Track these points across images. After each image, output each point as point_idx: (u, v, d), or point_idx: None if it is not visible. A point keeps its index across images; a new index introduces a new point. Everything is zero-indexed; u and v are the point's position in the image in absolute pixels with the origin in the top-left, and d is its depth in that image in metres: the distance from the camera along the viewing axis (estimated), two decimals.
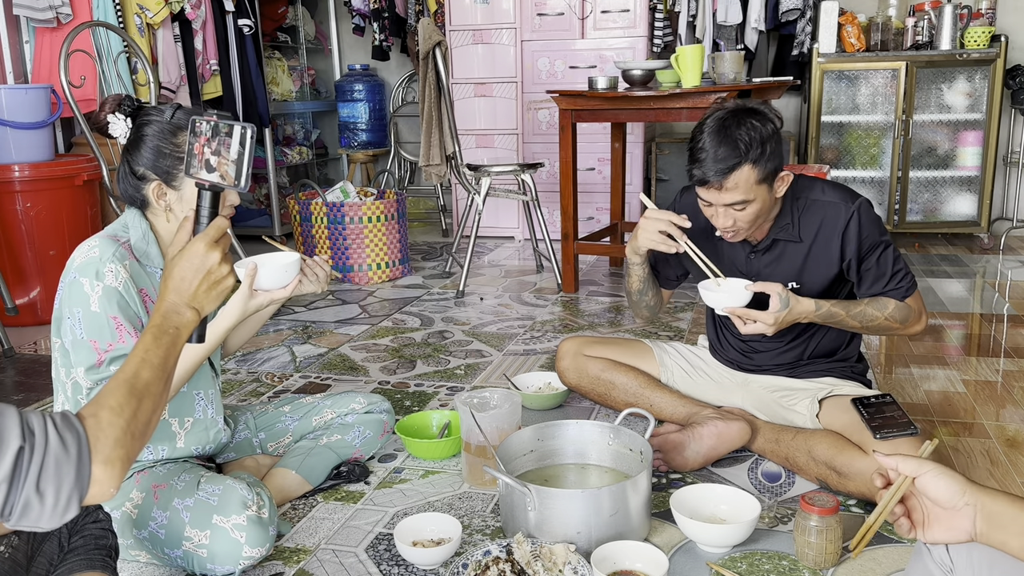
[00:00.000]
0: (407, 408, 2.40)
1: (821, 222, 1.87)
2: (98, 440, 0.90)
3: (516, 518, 1.64)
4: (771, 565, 1.59)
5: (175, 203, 1.59)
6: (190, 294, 1.07)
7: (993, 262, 4.14)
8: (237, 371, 2.77)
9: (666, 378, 2.19)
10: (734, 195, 1.75)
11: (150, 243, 1.61)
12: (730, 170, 1.72)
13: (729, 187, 1.74)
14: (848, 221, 1.85)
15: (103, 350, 1.50)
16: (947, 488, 0.93)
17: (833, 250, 1.88)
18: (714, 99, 3.19)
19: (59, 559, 1.18)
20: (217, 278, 1.09)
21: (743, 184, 1.73)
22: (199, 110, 1.62)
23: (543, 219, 3.88)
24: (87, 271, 1.51)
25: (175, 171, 1.56)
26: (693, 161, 1.77)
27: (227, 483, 1.58)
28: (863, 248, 1.86)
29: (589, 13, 4.50)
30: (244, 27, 4.53)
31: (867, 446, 1.74)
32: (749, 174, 1.73)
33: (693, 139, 1.79)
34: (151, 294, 1.60)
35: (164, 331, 1.03)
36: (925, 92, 4.38)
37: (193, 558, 1.54)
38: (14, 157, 3.31)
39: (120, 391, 0.96)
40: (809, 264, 1.91)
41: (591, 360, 2.24)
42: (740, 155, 1.71)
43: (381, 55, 5.51)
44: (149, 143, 1.56)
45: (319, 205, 3.92)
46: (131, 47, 3.70)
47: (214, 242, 1.09)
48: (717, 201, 1.78)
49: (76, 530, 1.21)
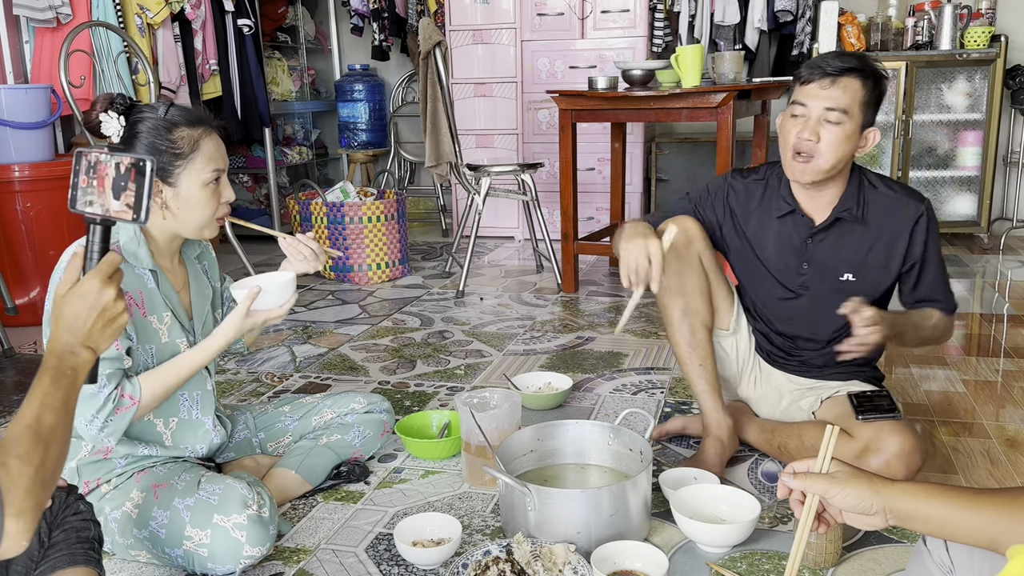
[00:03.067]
0: (407, 408, 2.40)
1: (889, 213, 1.81)
2: (9, 492, 0.87)
3: (516, 518, 1.64)
4: (771, 565, 1.59)
5: (171, 200, 1.59)
6: (84, 333, 1.02)
7: (993, 262, 4.14)
8: (237, 371, 2.77)
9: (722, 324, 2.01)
10: (839, 99, 1.70)
11: (140, 243, 1.61)
12: (847, 71, 1.69)
13: (839, 88, 1.70)
14: (919, 218, 1.80)
15: None
16: (856, 501, 0.99)
17: (900, 247, 1.81)
18: (718, 101, 3.19)
19: (40, 556, 1.14)
20: (112, 315, 1.04)
21: (851, 92, 1.70)
22: (190, 110, 1.61)
23: (543, 219, 3.88)
24: None
25: (171, 167, 1.56)
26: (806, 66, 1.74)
27: (227, 482, 1.58)
28: (927, 250, 1.81)
29: (589, 13, 4.50)
30: (244, 27, 4.53)
31: (853, 430, 1.75)
32: (860, 88, 1.70)
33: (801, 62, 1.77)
34: (136, 297, 1.59)
35: (62, 373, 0.99)
36: (925, 92, 4.38)
37: (194, 557, 1.54)
38: (14, 157, 3.31)
39: (25, 438, 0.92)
40: (871, 257, 1.83)
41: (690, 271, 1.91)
42: (859, 65, 1.70)
43: (381, 55, 5.51)
44: (144, 139, 1.56)
45: (319, 205, 3.92)
46: (131, 47, 3.70)
47: (108, 278, 1.04)
48: (817, 101, 1.71)
49: (56, 524, 1.18)
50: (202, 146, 1.58)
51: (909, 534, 1.65)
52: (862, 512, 0.99)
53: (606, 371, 2.68)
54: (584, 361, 2.78)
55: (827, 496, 1.01)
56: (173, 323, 1.65)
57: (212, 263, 1.84)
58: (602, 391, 2.51)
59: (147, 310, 1.61)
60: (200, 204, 1.60)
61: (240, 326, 1.63)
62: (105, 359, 1.52)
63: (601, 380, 2.61)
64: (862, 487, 0.99)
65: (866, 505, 0.98)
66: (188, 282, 1.74)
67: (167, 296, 1.65)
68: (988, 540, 0.93)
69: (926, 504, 0.96)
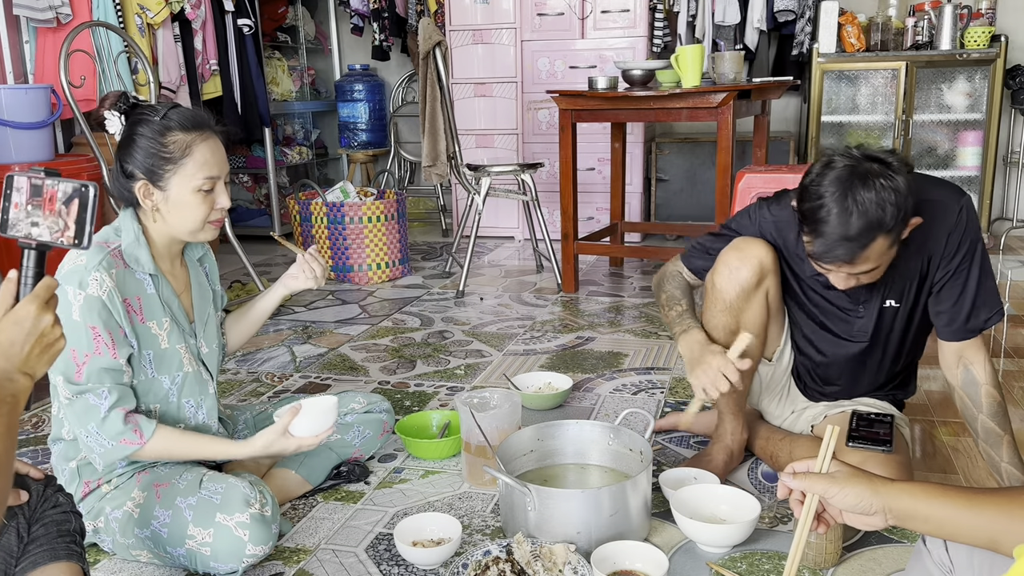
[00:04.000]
0: (407, 408, 2.40)
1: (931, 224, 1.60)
2: None
3: (516, 518, 1.64)
4: (771, 565, 1.59)
5: (161, 203, 1.59)
6: (21, 359, 1.00)
7: (993, 262, 4.15)
8: (237, 371, 2.77)
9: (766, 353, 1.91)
10: (864, 267, 1.51)
11: (141, 247, 1.61)
12: (863, 247, 1.47)
13: (861, 262, 1.50)
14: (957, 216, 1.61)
15: (80, 361, 1.51)
16: (855, 501, 1.00)
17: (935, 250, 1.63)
18: (719, 100, 3.19)
19: (20, 551, 1.13)
20: (50, 341, 1.03)
21: (875, 255, 1.49)
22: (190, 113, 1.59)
23: (543, 219, 3.88)
24: (71, 279, 1.51)
25: (160, 171, 1.56)
26: (814, 233, 1.50)
27: (229, 481, 1.58)
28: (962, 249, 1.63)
29: (589, 13, 4.50)
30: (244, 27, 4.53)
31: (840, 452, 1.67)
32: (883, 244, 1.48)
33: (808, 201, 1.50)
34: (134, 304, 1.59)
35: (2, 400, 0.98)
36: (925, 92, 4.38)
37: (196, 556, 1.54)
38: (14, 157, 3.31)
39: None
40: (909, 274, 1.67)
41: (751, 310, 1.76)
42: (874, 227, 1.45)
43: (381, 55, 5.51)
44: (138, 142, 1.56)
45: (319, 205, 3.92)
46: (131, 47, 3.70)
47: (45, 303, 1.02)
48: (843, 277, 1.56)
49: (35, 518, 1.16)
50: (195, 151, 1.57)
51: (909, 534, 1.66)
52: (862, 512, 0.99)
53: (606, 371, 2.68)
54: (584, 361, 2.79)
55: (827, 496, 1.01)
56: (173, 328, 1.65)
57: (213, 266, 1.84)
58: (602, 391, 2.51)
59: (145, 316, 1.61)
60: (190, 208, 1.59)
61: (271, 444, 1.63)
62: (105, 370, 1.52)
63: (601, 380, 2.61)
64: (862, 487, 0.99)
65: (865, 505, 0.99)
66: (190, 284, 1.74)
67: (167, 301, 1.65)
68: (987, 540, 0.93)
69: (925, 504, 0.96)
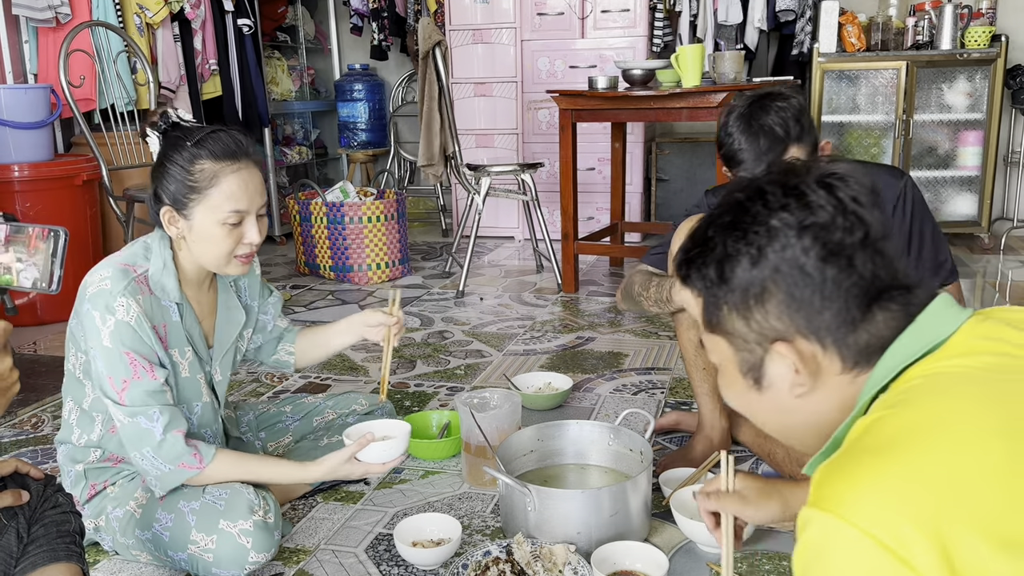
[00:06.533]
0: (407, 408, 2.40)
1: None
2: None
3: (516, 518, 1.64)
4: (771, 565, 1.59)
5: (186, 232, 1.54)
6: None
7: (993, 262, 4.14)
8: (237, 371, 2.76)
9: None
10: None
11: (169, 275, 1.57)
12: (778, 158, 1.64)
13: None
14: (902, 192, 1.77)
15: (119, 388, 1.49)
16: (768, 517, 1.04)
17: None
18: (719, 100, 3.19)
19: (19, 552, 1.12)
20: (8, 384, 1.02)
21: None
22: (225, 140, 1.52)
23: (543, 219, 3.88)
24: (97, 303, 1.49)
25: (185, 199, 1.51)
26: (734, 163, 1.68)
27: (234, 487, 1.56)
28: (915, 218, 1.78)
29: (589, 13, 4.50)
30: (244, 27, 4.53)
31: None
32: (798, 153, 1.66)
33: (723, 143, 1.70)
34: (160, 332, 1.56)
35: None
36: (925, 92, 4.38)
37: (198, 562, 1.52)
38: (14, 157, 3.30)
39: None
40: None
41: None
42: (782, 139, 1.65)
43: (380, 55, 5.51)
44: (168, 166, 1.52)
45: (319, 205, 3.92)
46: (131, 47, 3.70)
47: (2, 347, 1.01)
48: None
49: (35, 518, 1.15)
50: (222, 182, 1.50)
51: None
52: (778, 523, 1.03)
53: (606, 371, 2.68)
54: (584, 361, 2.78)
55: (741, 516, 1.04)
56: (194, 358, 1.63)
57: (254, 280, 1.80)
58: (602, 391, 2.51)
59: (169, 343, 1.58)
60: (214, 241, 1.53)
61: (336, 469, 1.60)
62: (148, 392, 1.50)
63: (601, 380, 2.60)
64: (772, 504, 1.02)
65: (779, 518, 1.02)
66: (215, 308, 1.70)
67: (189, 329, 1.62)
68: None
69: None
